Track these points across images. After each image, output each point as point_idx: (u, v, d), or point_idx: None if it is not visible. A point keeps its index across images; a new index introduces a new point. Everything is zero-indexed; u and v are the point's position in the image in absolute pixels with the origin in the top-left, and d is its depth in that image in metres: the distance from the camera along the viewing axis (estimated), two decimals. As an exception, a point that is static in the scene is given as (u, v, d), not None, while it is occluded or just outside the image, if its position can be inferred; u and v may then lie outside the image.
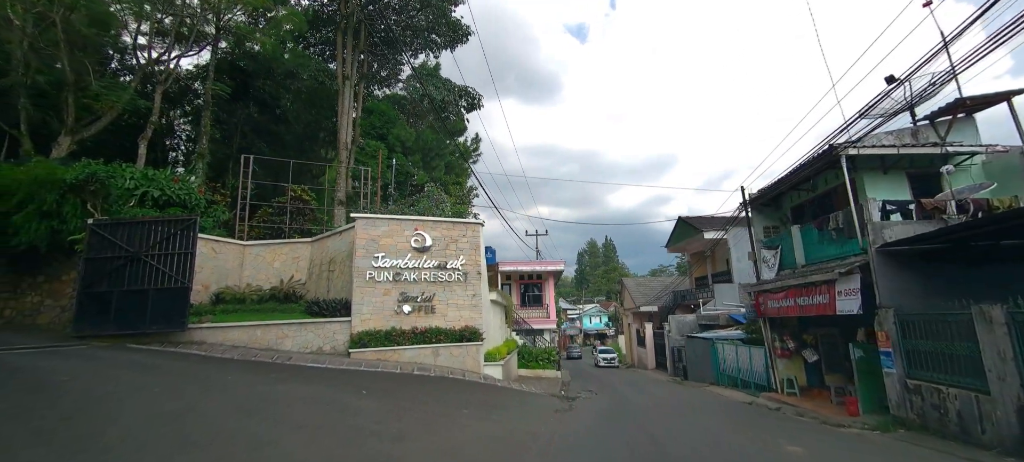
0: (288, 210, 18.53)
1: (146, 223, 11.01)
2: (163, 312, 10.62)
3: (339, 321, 11.87)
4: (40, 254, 10.79)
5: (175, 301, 10.67)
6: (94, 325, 10.61)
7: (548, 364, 19.60)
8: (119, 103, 14.10)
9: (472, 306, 13.26)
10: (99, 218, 11.01)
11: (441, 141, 26.08)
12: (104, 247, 10.87)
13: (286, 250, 15.35)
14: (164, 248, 10.90)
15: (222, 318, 11.62)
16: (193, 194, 14.16)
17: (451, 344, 12.29)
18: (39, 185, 10.51)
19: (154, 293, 10.69)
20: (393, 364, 11.21)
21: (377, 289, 12.38)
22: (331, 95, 27.54)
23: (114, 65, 17.12)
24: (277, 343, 11.43)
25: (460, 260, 13.42)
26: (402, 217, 13.32)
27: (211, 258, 13.94)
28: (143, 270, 10.79)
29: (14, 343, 9.41)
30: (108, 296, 10.68)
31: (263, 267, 15.10)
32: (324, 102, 28.02)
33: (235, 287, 14.26)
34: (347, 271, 13.23)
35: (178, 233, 10.97)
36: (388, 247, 12.77)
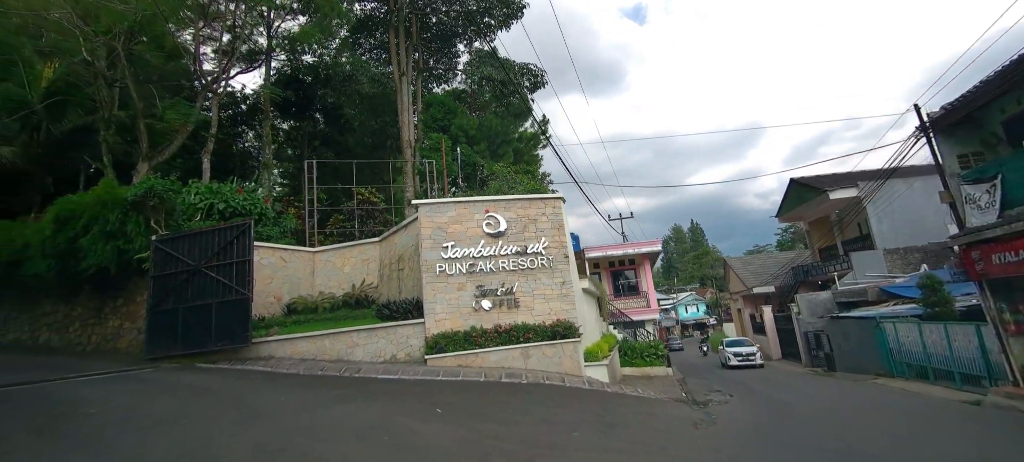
0: (357, 214, 17.67)
1: (204, 234, 10.19)
2: (226, 327, 9.67)
3: (411, 324, 10.22)
4: (111, 276, 10.40)
5: (237, 315, 9.68)
6: (164, 346, 9.96)
7: (655, 360, 16.67)
8: (183, 121, 13.90)
9: (562, 296, 10.97)
10: (162, 234, 10.40)
11: (506, 126, 24.21)
12: (168, 263, 10.23)
13: (355, 253, 14.25)
14: (223, 258, 9.99)
15: (289, 330, 10.52)
16: (258, 204, 13.54)
17: (543, 343, 10.09)
18: (102, 206, 10.13)
19: (217, 307, 9.78)
20: (476, 370, 9.25)
21: (450, 284, 10.56)
22: (391, 99, 27.00)
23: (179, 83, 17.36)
24: (347, 353, 10.04)
25: (541, 243, 11.21)
26: (470, 199, 11.42)
27: (281, 268, 13.14)
28: (204, 283, 9.96)
29: (83, 370, 8.88)
30: (174, 314, 9.98)
31: (334, 273, 14.12)
32: (385, 107, 27.54)
33: (308, 296, 13.35)
34: (416, 267, 11.61)
35: (235, 240, 10.00)
36: (457, 235, 10.92)
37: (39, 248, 10.54)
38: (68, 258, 10.31)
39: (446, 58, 28.89)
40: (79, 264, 10.14)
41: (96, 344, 11.34)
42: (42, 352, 11.43)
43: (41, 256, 10.55)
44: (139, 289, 11.13)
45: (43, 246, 10.44)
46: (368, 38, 26.81)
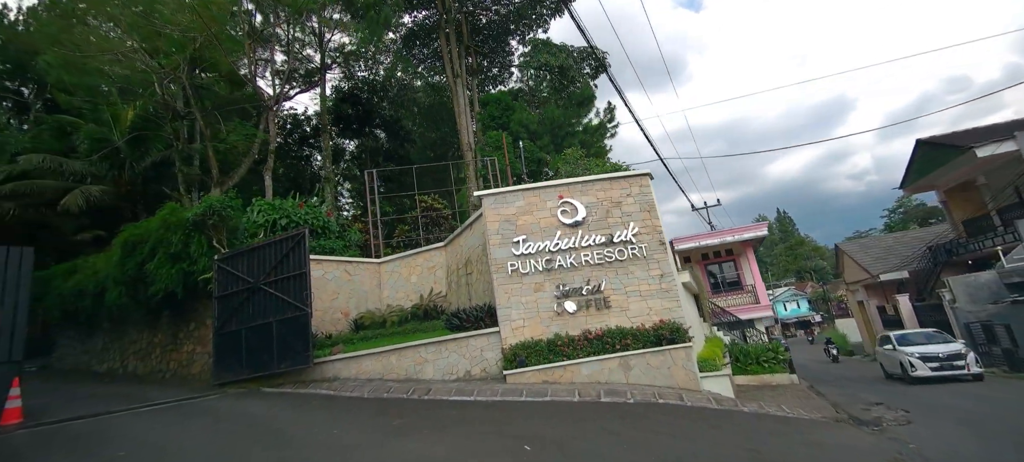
0: (420, 222, 16.81)
1: (260, 248, 9.55)
2: (288, 347, 8.85)
3: (484, 334, 8.77)
4: (180, 300, 10.09)
5: (297, 332, 8.82)
6: (230, 369, 9.37)
7: (776, 366, 13.86)
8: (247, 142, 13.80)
9: (662, 292, 8.98)
10: (223, 252, 9.94)
11: (569, 116, 22.45)
12: (230, 282, 9.71)
13: (421, 261, 13.23)
14: (280, 272, 9.24)
15: (354, 347, 9.53)
16: (321, 217, 13.01)
17: (646, 351, 8.16)
18: (165, 229, 9.89)
19: (277, 325, 9.01)
20: (566, 388, 7.55)
21: (525, 284, 8.99)
22: (448, 108, 26.43)
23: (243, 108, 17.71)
24: (416, 371, 8.80)
25: (631, 229, 9.31)
26: (540, 185, 9.83)
27: (347, 282, 12.40)
28: (264, 301, 9.26)
29: (151, 399, 8.41)
30: (238, 335, 9.38)
31: (401, 284, 13.19)
32: (443, 115, 27.05)
33: (375, 310, 12.47)
34: (485, 269, 10.21)
35: (290, 252, 9.22)
36: (528, 227, 9.36)
37: (112, 276, 10.56)
38: (138, 284, 10.19)
39: (500, 57, 27.95)
40: (148, 289, 9.92)
41: (174, 370, 11.18)
42: (128, 381, 11.49)
43: (113, 284, 10.57)
44: (207, 312, 10.77)
45: (115, 274, 10.43)
46: (421, 48, 26.57)
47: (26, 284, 7.45)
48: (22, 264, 7.47)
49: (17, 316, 7.26)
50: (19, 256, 7.48)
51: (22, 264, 7.47)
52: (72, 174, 14.43)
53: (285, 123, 22.00)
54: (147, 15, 13.29)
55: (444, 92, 28.23)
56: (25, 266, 7.49)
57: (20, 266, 7.45)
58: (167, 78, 14.70)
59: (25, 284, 7.44)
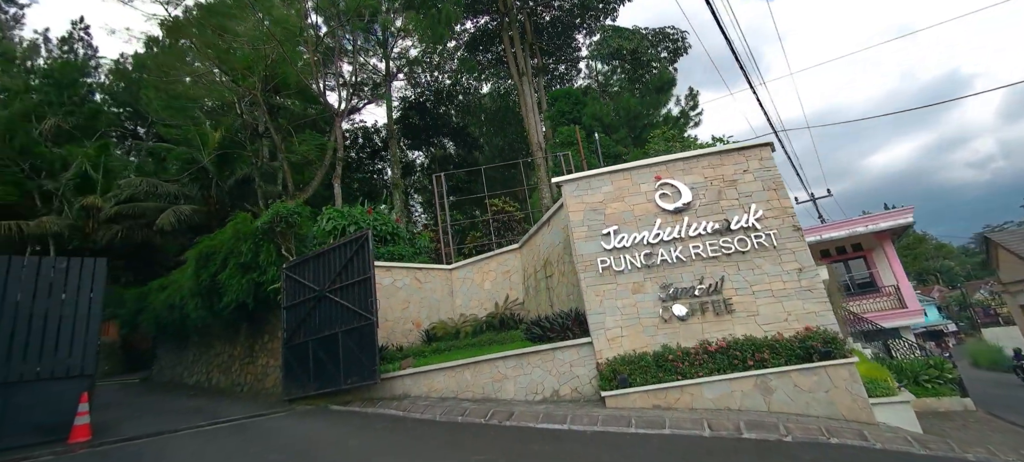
0: (492, 226, 15.77)
1: (324, 254, 8.89)
2: (354, 360, 7.99)
3: (573, 345, 7.27)
4: (253, 311, 9.76)
5: (363, 344, 7.94)
6: (298, 384, 8.74)
7: (941, 387, 10.93)
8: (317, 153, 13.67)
9: (803, 291, 7.00)
10: (291, 260, 9.45)
11: (647, 106, 20.40)
12: (297, 291, 9.16)
13: (494, 265, 12.07)
14: (344, 278, 8.48)
15: (425, 361, 8.49)
16: (389, 223, 12.37)
17: (791, 368, 6.22)
18: (237, 239, 9.65)
19: (343, 336, 8.22)
20: (687, 416, 5.81)
21: (620, 285, 7.39)
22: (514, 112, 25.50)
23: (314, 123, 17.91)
24: (495, 389, 7.52)
25: (752, 213, 7.41)
26: (631, 165, 8.19)
27: (417, 290, 11.54)
28: (330, 310, 8.54)
29: (221, 415, 7.94)
30: (305, 348, 8.74)
31: (474, 291, 12.12)
32: (509, 119, 26.17)
33: (448, 320, 11.47)
34: (568, 269, 8.76)
35: (354, 256, 8.44)
36: (620, 216, 7.77)
37: (189, 289, 10.55)
38: (212, 296, 10.03)
39: (566, 54, 26.61)
40: (221, 301, 9.68)
41: (250, 384, 10.93)
42: (210, 394, 11.45)
43: (190, 296, 10.55)
44: (279, 323, 10.37)
45: (191, 286, 10.40)
46: (484, 53, 26.01)
47: (99, 296, 7.25)
48: (95, 275, 7.30)
49: (89, 328, 7.03)
50: (92, 267, 7.32)
51: (95, 275, 7.30)
52: (166, 195, 15.30)
53: (356, 137, 22.36)
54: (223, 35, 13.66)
55: (509, 96, 27.42)
56: (98, 277, 7.31)
57: (93, 277, 7.28)
58: (245, 98, 15.10)
59: (98, 296, 7.24)
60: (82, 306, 7.04)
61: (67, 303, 6.94)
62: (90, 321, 7.05)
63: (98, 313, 7.17)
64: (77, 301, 7.02)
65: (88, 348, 6.93)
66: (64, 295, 6.95)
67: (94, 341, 7.01)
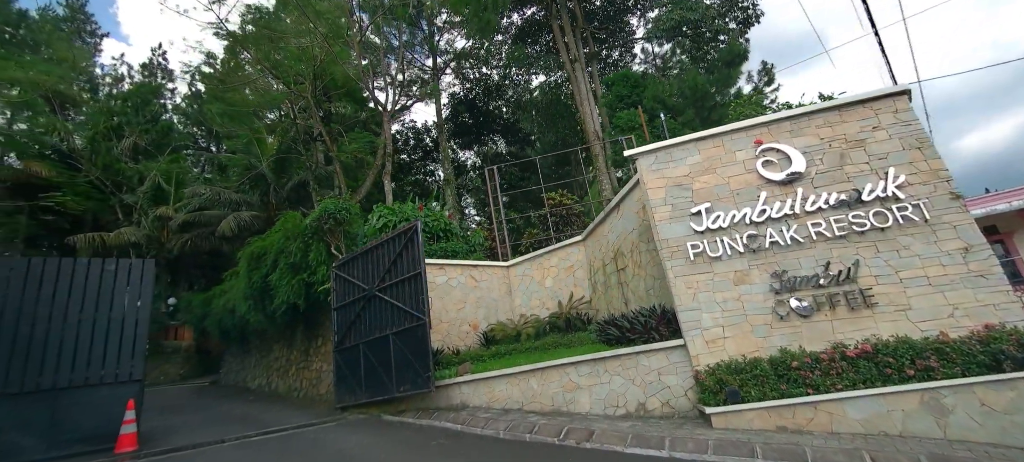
0: (550, 221, 14.67)
1: (373, 249, 8.20)
2: (406, 365, 7.19)
3: (661, 349, 6.00)
4: (305, 313, 9.31)
5: (415, 347, 7.12)
6: (350, 391, 8.11)
7: None
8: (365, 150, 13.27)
9: (973, 277, 5.38)
10: (339, 258, 8.88)
11: (718, 80, 18.41)
12: (346, 290, 8.56)
13: (555, 260, 10.96)
14: (393, 275, 7.73)
15: (484, 366, 7.54)
16: (442, 219, 11.63)
17: (974, 380, 4.63)
18: (286, 238, 9.20)
19: (394, 339, 7.45)
20: (832, 445, 4.40)
21: (717, 274, 6.03)
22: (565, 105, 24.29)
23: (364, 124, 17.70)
24: (566, 400, 6.41)
25: (892, 179, 5.84)
26: (722, 129, 6.76)
27: (473, 289, 10.67)
28: (379, 310, 7.82)
29: (269, 425, 7.43)
30: (356, 352, 8.08)
31: (534, 290, 11.07)
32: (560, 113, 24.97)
33: (507, 321, 10.52)
34: (646, 259, 7.46)
35: (404, 251, 7.66)
36: (712, 191, 6.41)
37: (242, 291, 10.33)
38: (264, 298, 9.71)
39: (619, 38, 25.04)
40: (272, 303, 9.30)
41: (305, 389, 10.54)
42: (268, 399, 11.23)
43: (242, 299, 10.31)
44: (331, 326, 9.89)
45: (244, 288, 10.16)
46: (532, 45, 25.03)
47: (147, 298, 6.95)
48: (144, 276, 7.01)
49: (138, 331, 6.72)
50: (140, 268, 7.03)
51: (144, 276, 7.01)
52: (228, 203, 15.66)
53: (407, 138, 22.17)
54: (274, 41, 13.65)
55: (560, 88, 26.24)
56: (146, 279, 7.01)
57: (141, 279, 6.99)
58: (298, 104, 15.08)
59: (146, 298, 6.94)
60: (130, 308, 6.74)
61: (115, 306, 6.66)
62: (138, 324, 6.74)
63: (147, 316, 6.86)
64: (125, 303, 6.74)
65: (137, 352, 6.61)
66: (112, 297, 6.67)
67: (143, 345, 6.68)
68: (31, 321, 6.06)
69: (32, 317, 6.08)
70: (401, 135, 21.42)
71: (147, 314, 6.87)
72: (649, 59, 25.90)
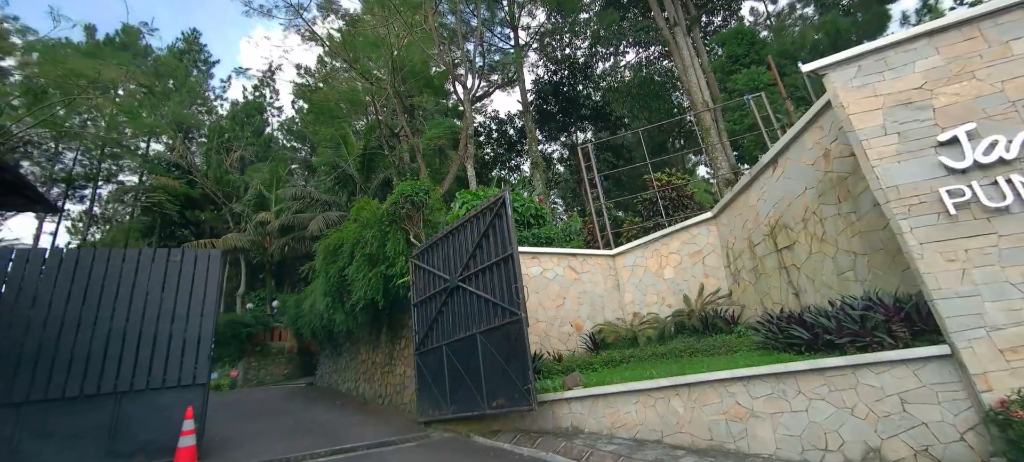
0: (660, 204, 12.39)
1: (454, 231, 6.81)
2: (498, 374, 5.60)
3: (903, 360, 3.70)
4: (385, 311, 8.23)
5: (510, 350, 5.50)
6: (433, 403, 6.74)
7: None
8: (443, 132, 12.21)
9: None
10: (418, 246, 7.64)
11: (869, 21, 14.64)
12: (426, 282, 7.26)
13: (676, 245, 8.75)
14: (480, 260, 6.22)
15: (598, 377, 5.73)
16: (531, 204, 10.07)
17: None
18: (361, 227, 8.16)
19: (483, 340, 5.91)
20: None
21: (1006, 236, 3.56)
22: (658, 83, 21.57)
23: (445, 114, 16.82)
24: (735, 433, 4.36)
25: None
26: (983, 10, 4.20)
27: (573, 282, 8.86)
28: (463, 304, 6.35)
29: (343, 440, 6.28)
30: (438, 355, 6.71)
31: (649, 282, 8.95)
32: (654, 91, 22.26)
33: (618, 321, 8.55)
34: (837, 227, 5.07)
35: (490, 229, 6.11)
36: (970, 107, 3.98)
37: (321, 288, 9.58)
38: (342, 294, 8.82)
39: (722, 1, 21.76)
40: (350, 300, 8.34)
41: (390, 396, 9.52)
42: (354, 406, 10.45)
43: (321, 296, 9.54)
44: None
45: (322, 284, 9.39)
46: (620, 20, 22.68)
47: (213, 291, 6.18)
48: (210, 268, 6.26)
49: (202, 330, 5.93)
50: (206, 260, 6.31)
51: (210, 268, 6.26)
52: (319, 203, 15.69)
53: (489, 131, 21.10)
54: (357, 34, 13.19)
55: (653, 66, 23.58)
56: (213, 270, 6.26)
57: (207, 270, 6.24)
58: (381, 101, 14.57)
59: (212, 293, 6.17)
60: (195, 303, 5.99)
61: (180, 300, 5.95)
62: (203, 320, 5.96)
63: (212, 310, 6.07)
64: (190, 298, 6.00)
65: (201, 352, 5.82)
66: (177, 291, 5.97)
67: (208, 343, 5.88)
68: (92, 319, 5.48)
69: (92, 314, 5.50)
70: (483, 128, 20.44)
71: (213, 308, 6.10)
72: (760, 20, 22.22)
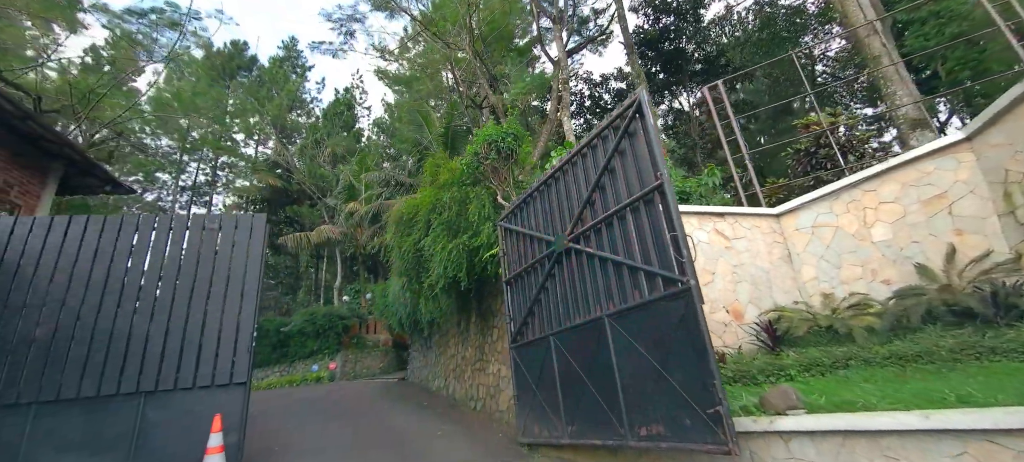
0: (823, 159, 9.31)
1: (556, 174, 4.77)
2: (648, 383, 3.40)
3: None
4: (462, 291, 6.51)
5: (668, 341, 3.27)
6: (538, 417, 4.76)
7: None
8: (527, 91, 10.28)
9: None
10: (507, 206, 5.73)
11: None
12: (521, 251, 5.31)
13: (891, 190, 5.75)
14: (604, 203, 4.07)
15: (815, 389, 3.27)
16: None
17: None
18: (438, 188, 6.46)
19: (615, 326, 3.75)
20: None
21: None
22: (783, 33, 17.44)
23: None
24: None
25: None
26: None
27: (724, 251, 6.28)
28: (580, 273, 4.26)
29: (425, 457, 4.57)
30: (541, 351, 4.70)
31: (843, 249, 6.07)
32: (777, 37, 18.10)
33: (799, 305, 5.85)
34: None
35: (618, 159, 3.94)
36: None
37: (397, 268, 8.12)
38: (420, 273, 7.22)
39: None
40: (427, 278, 6.70)
41: (483, 400, 7.80)
42: (443, 409, 8.94)
43: (397, 276, 8.06)
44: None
45: (397, 263, 7.91)
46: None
47: (256, 266, 4.85)
48: (252, 235, 4.96)
49: (242, 314, 4.61)
50: (249, 223, 5.01)
51: (252, 235, 4.96)
52: (403, 186, 14.77)
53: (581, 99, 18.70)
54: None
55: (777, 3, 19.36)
56: (255, 241, 4.95)
57: (250, 238, 4.94)
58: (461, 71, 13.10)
59: (254, 268, 4.84)
60: (234, 282, 4.69)
61: (216, 278, 4.69)
62: (244, 303, 4.63)
63: (254, 290, 4.72)
64: (229, 275, 4.72)
65: (241, 343, 4.48)
66: (213, 268, 4.72)
67: (249, 332, 4.53)
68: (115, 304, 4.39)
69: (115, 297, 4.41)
70: (574, 96, 18.13)
71: (255, 288, 4.76)
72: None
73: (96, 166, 6.86)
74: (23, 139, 6.14)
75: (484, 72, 12.55)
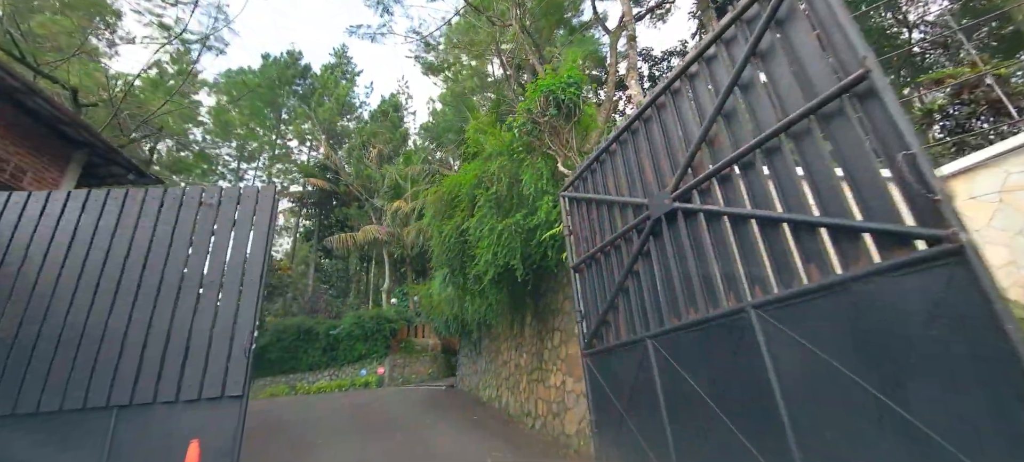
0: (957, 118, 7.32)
1: (645, 108, 3.38)
2: (861, 423, 1.96)
3: None
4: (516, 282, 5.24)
5: (938, 356, 1.82)
6: (632, 452, 3.37)
7: None
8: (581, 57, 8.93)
9: None
10: (572, 174, 4.44)
11: None
12: (594, 226, 3.99)
13: None
14: (739, 130, 2.66)
15: None
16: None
17: None
18: (487, 159, 5.28)
19: (762, 317, 2.33)
20: None
21: None
22: None
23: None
24: None
25: None
26: None
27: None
28: (691, 243, 2.87)
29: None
30: (628, 358, 3.33)
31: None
32: None
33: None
34: None
35: (766, 64, 2.51)
36: None
37: (438, 256, 6.98)
38: (463, 262, 6.04)
39: None
40: (472, 268, 5.51)
41: (544, 417, 6.51)
42: (494, 425, 7.72)
43: (439, 266, 6.94)
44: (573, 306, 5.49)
45: (438, 250, 6.78)
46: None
47: (260, 253, 3.88)
48: (256, 216, 4.00)
49: (239, 316, 3.63)
50: (253, 201, 4.06)
51: (256, 216, 4.00)
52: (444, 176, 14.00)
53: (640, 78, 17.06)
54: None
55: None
56: (260, 220, 3.99)
57: (255, 212, 3.99)
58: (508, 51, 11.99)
59: (258, 253, 3.87)
60: (232, 271, 3.74)
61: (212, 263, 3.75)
62: (243, 295, 3.66)
63: (257, 281, 3.73)
64: (226, 263, 3.77)
65: (236, 348, 3.49)
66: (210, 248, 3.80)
67: (247, 334, 3.53)
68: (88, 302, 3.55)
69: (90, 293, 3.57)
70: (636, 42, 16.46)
71: (260, 279, 3.77)
72: None
73: (118, 154, 6.39)
74: (39, 122, 5.75)
75: (533, 49, 11.37)
